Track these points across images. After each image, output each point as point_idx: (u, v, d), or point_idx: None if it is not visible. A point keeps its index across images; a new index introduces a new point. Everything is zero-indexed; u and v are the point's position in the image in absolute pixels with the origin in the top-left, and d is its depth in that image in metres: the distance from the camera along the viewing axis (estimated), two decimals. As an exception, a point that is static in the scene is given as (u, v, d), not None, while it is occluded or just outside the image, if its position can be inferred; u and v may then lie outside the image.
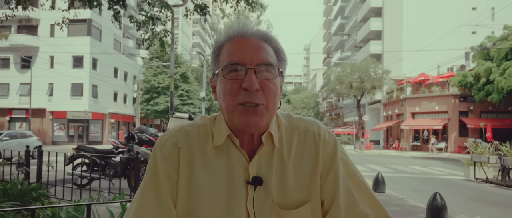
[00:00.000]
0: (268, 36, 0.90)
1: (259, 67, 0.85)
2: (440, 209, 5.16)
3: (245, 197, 0.88)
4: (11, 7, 7.39)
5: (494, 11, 33.07)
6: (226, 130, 0.89)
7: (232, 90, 0.85)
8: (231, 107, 0.86)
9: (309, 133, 0.94)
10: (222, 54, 0.89)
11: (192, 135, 0.92)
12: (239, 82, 0.85)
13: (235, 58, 0.86)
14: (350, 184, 0.93)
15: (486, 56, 25.04)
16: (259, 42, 0.88)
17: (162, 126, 43.81)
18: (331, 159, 0.93)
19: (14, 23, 29.00)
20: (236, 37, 0.89)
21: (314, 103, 65.79)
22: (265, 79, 0.85)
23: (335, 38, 60.70)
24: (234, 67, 0.86)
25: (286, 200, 0.89)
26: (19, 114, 32.02)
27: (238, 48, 0.87)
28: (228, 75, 0.86)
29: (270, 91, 0.86)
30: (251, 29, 0.90)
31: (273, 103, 0.87)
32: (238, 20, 0.92)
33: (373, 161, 19.29)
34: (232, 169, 0.89)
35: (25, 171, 6.30)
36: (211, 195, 0.88)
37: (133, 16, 7.64)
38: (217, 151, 0.90)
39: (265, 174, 0.89)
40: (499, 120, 27.73)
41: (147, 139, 8.77)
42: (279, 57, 0.91)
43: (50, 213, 3.44)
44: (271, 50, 0.89)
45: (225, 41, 0.90)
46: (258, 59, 0.86)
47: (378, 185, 8.15)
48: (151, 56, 41.03)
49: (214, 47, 0.92)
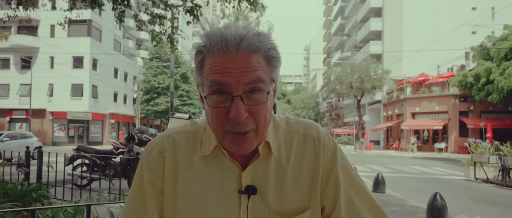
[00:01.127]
0: (256, 45, 0.78)
1: (246, 94, 0.77)
2: (440, 209, 5.16)
3: (238, 207, 0.84)
4: (13, 7, 7.39)
5: (494, 11, 33.08)
6: (215, 140, 0.85)
7: (219, 118, 0.79)
8: (220, 133, 0.81)
9: (309, 138, 0.91)
10: (205, 68, 0.80)
11: (179, 143, 0.89)
12: (226, 110, 0.78)
13: (218, 78, 0.77)
14: (350, 189, 0.91)
15: (486, 56, 25.04)
16: (246, 59, 0.77)
17: (162, 126, 43.82)
18: (331, 164, 0.90)
19: (14, 23, 29.04)
20: (218, 53, 0.78)
21: (314, 104, 65.80)
22: (254, 105, 0.78)
23: (335, 39, 60.73)
24: (219, 90, 0.78)
25: (285, 208, 0.86)
26: (19, 114, 32.03)
27: (222, 69, 0.77)
28: (213, 102, 0.79)
29: (260, 114, 0.79)
30: (236, 41, 0.77)
31: (264, 124, 0.81)
32: (220, 27, 0.81)
33: (373, 161, 19.29)
34: (222, 178, 0.85)
35: (25, 171, 6.30)
36: (199, 205, 0.84)
37: (137, 14, 7.65)
38: (205, 160, 0.87)
39: (261, 182, 0.86)
40: (499, 120, 27.73)
41: (147, 140, 8.76)
42: (272, 64, 0.82)
43: (50, 214, 3.44)
44: (262, 60, 0.79)
45: (208, 53, 0.79)
46: (246, 80, 0.77)
47: (378, 185, 8.15)
48: (151, 57, 41.06)
49: (196, 52, 0.82)
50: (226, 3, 7.68)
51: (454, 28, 30.88)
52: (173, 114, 9.16)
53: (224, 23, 28.72)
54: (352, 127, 37.87)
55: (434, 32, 32.88)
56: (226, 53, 0.77)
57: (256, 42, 0.79)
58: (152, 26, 7.84)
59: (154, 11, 7.62)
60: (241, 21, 49.86)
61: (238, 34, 0.78)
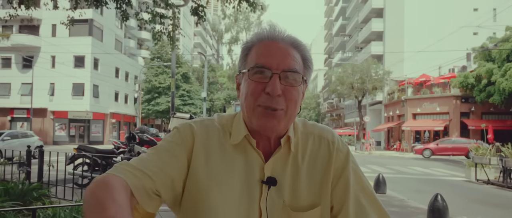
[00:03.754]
0: (298, 42, 0.91)
1: (284, 73, 0.87)
2: (441, 210, 5.15)
3: (258, 196, 0.90)
4: (14, 6, 7.40)
5: (496, 12, 33.03)
6: (244, 129, 0.92)
7: (255, 92, 0.87)
8: (251, 107, 0.87)
9: (324, 140, 0.97)
10: (251, 55, 0.91)
11: (211, 129, 0.94)
12: (263, 85, 0.86)
13: (262, 61, 0.87)
14: (360, 193, 0.95)
15: (487, 57, 25.01)
16: (288, 48, 0.89)
17: (163, 126, 43.83)
18: (342, 166, 0.95)
19: (15, 23, 29.08)
20: (266, 40, 0.90)
21: (315, 104, 65.78)
22: (288, 85, 0.87)
23: (336, 39, 60.71)
24: (260, 69, 0.87)
25: (297, 203, 0.91)
26: (21, 113, 32.08)
27: (267, 52, 0.88)
28: (253, 77, 0.87)
29: (292, 97, 0.87)
30: (282, 33, 0.91)
31: (293, 109, 0.89)
32: (270, 24, 0.93)
33: (374, 161, 19.28)
34: (249, 167, 0.91)
35: (26, 170, 6.31)
36: (226, 188, 0.89)
37: (138, 13, 7.67)
38: (234, 148, 0.92)
39: (279, 176, 0.91)
40: (500, 121, 27.69)
41: (148, 139, 8.79)
42: (306, 65, 0.92)
43: (51, 213, 3.44)
44: (299, 57, 0.90)
45: (255, 43, 0.91)
46: (285, 65, 0.87)
47: (379, 186, 8.14)
48: (152, 57, 41.09)
49: (244, 46, 0.94)
50: (226, 3, 7.70)
51: (456, 29, 30.85)
52: (174, 113, 9.18)
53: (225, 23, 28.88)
54: (353, 128, 37.85)
55: (436, 33, 32.85)
56: (272, 41, 0.90)
57: (297, 40, 0.92)
58: (153, 24, 7.86)
59: (155, 10, 7.65)
60: (242, 22, 49.85)
61: (284, 31, 0.92)
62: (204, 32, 78.34)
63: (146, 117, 40.25)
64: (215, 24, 59.86)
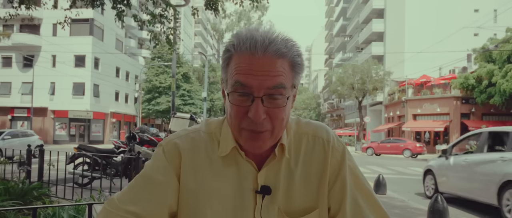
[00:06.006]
0: (283, 51, 0.80)
1: (267, 97, 0.79)
2: (441, 211, 5.14)
3: (253, 206, 0.87)
4: (15, 6, 7.40)
5: (497, 13, 33.03)
6: (232, 141, 0.87)
7: (237, 115, 0.82)
8: (237, 129, 0.84)
9: (318, 139, 0.92)
10: (231, 66, 0.82)
11: (197, 142, 0.91)
12: (245, 109, 0.81)
13: (242, 79, 0.79)
14: (357, 192, 0.92)
15: (488, 58, 25.00)
16: (271, 62, 0.79)
17: (163, 125, 43.84)
18: (339, 166, 0.92)
19: (16, 22, 29.07)
20: (246, 52, 0.80)
21: (316, 105, 65.78)
22: (273, 107, 0.81)
23: (337, 40, 60.71)
24: (241, 92, 0.80)
25: (293, 208, 0.88)
26: (21, 112, 32.09)
27: (247, 68, 0.79)
28: (235, 100, 0.81)
29: (277, 117, 0.81)
30: (265, 41, 0.79)
31: (280, 127, 0.83)
32: (250, 28, 0.83)
33: (374, 162, 19.27)
34: (241, 178, 0.88)
35: (26, 170, 6.29)
36: (218, 202, 0.86)
37: (137, 15, 7.64)
38: (223, 160, 0.89)
39: (273, 183, 0.88)
40: (501, 122, 27.63)
41: (149, 139, 8.78)
42: (295, 71, 0.83)
43: (51, 212, 3.44)
44: (286, 65, 0.81)
45: (236, 51, 0.81)
46: (268, 84, 0.79)
47: (379, 187, 8.13)
48: (153, 56, 41.09)
49: (225, 49, 0.85)
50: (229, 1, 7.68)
51: (456, 30, 30.84)
52: (174, 113, 9.17)
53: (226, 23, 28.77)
54: (353, 128, 37.85)
55: (436, 34, 32.85)
56: (253, 54, 0.79)
57: (283, 47, 0.80)
58: (152, 26, 7.84)
59: (154, 11, 7.62)
60: (242, 22, 49.85)
61: (268, 37, 0.80)
62: (204, 32, 78.37)
63: (147, 116, 40.26)
64: (216, 24, 59.89)
